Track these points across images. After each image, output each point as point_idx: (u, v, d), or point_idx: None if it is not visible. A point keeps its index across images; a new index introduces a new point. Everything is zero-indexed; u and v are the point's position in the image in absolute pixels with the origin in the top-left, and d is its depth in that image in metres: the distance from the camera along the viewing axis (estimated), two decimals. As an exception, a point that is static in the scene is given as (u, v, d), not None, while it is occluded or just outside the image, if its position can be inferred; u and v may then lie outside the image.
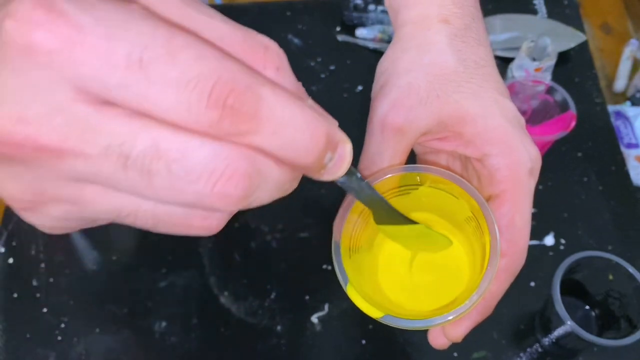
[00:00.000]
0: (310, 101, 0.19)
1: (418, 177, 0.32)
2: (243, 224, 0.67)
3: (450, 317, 0.28)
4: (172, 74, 0.15)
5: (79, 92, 0.15)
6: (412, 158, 0.34)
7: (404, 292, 0.34)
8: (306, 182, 0.22)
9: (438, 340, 0.33)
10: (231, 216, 0.19)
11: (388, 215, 0.30)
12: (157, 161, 0.16)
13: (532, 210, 0.32)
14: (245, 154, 0.16)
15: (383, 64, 0.35)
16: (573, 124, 0.61)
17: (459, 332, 0.32)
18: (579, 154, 0.73)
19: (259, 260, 0.65)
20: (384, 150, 0.32)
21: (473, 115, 0.31)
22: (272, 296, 0.62)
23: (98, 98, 0.15)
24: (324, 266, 0.64)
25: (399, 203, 0.31)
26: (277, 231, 0.67)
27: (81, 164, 0.16)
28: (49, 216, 0.18)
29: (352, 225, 0.31)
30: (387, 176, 0.32)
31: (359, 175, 0.24)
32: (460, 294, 0.32)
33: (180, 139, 0.16)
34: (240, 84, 0.16)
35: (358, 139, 0.28)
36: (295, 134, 0.17)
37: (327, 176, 0.19)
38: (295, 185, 0.19)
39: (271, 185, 0.18)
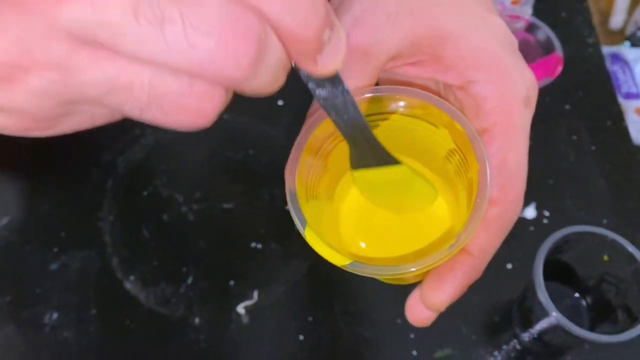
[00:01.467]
0: None
1: (389, 102, 0.31)
2: (153, 193, 0.63)
3: (428, 264, 0.27)
4: None
5: None
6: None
7: (372, 248, 0.33)
8: (231, 140, 0.21)
9: (418, 313, 0.32)
10: (224, 106, 0.19)
11: (369, 151, 0.29)
12: (170, 7, 0.16)
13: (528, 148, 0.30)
14: (256, 14, 0.17)
15: None
16: (559, 69, 0.60)
17: (441, 297, 0.30)
18: (567, 107, 0.70)
19: (172, 237, 0.61)
20: (345, 78, 0.29)
21: (455, 34, 0.30)
22: (189, 281, 0.58)
23: None
24: (253, 244, 0.60)
25: None
26: (195, 201, 0.63)
27: (82, 10, 0.16)
28: (27, 89, 0.18)
29: (307, 168, 0.30)
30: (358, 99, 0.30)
31: (345, 86, 0.24)
32: (439, 242, 0.31)
33: None
34: None
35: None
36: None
37: (322, 65, 0.20)
38: (284, 77, 0.20)
39: (272, 62, 0.18)
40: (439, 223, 0.33)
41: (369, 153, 0.30)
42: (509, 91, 0.30)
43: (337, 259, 0.28)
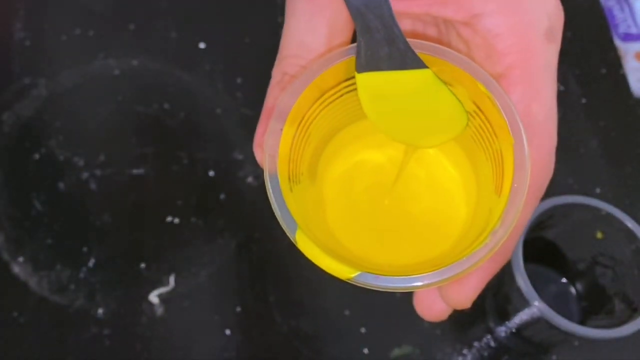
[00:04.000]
0: None
1: None
2: (46, 155, 0.59)
3: (464, 268, 0.25)
4: None
5: None
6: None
7: (368, 239, 0.31)
8: (142, 91, 0.23)
9: (431, 305, 0.31)
10: None
11: (385, 44, 0.27)
12: None
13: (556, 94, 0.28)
14: None
15: None
16: None
17: (467, 293, 0.29)
18: None
19: (70, 210, 0.58)
20: (317, 26, 0.29)
21: None
22: (91, 264, 0.55)
23: None
24: (169, 218, 0.57)
25: (350, 106, 0.29)
26: (98, 166, 0.59)
27: None
28: None
29: (289, 141, 0.28)
30: (330, 66, 0.28)
31: None
32: (462, 234, 0.30)
33: None
34: None
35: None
36: None
37: None
38: None
39: None
40: (452, 204, 0.32)
41: (384, 47, 0.27)
42: (526, 23, 0.28)
43: (342, 271, 0.26)
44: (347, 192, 0.33)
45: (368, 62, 0.28)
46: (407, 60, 0.28)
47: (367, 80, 0.29)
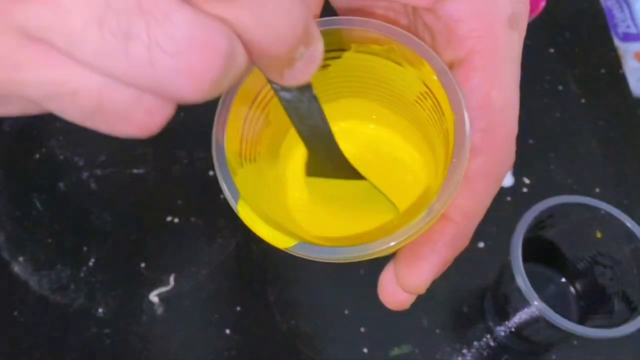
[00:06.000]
0: None
1: (339, 37, 0.30)
2: (47, 155, 0.60)
3: (394, 243, 0.25)
4: None
5: None
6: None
7: (331, 222, 0.32)
8: None
9: (393, 294, 0.30)
10: (170, 118, 0.19)
11: (329, 161, 0.29)
12: (138, 21, 0.16)
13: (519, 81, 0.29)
14: (225, 30, 0.18)
15: None
16: (542, 4, 0.59)
17: (419, 278, 0.28)
18: (551, 50, 0.68)
19: (70, 210, 0.59)
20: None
21: None
22: (91, 263, 0.56)
23: None
24: (169, 218, 0.57)
25: (315, 81, 0.27)
26: (98, 165, 0.60)
27: (42, 11, 0.16)
28: None
29: (241, 120, 0.29)
30: None
31: (314, 92, 0.24)
32: (413, 211, 0.30)
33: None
34: None
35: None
36: (274, 13, 0.18)
37: (290, 78, 0.21)
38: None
39: (233, 76, 0.19)
40: (414, 183, 0.32)
41: (328, 163, 0.29)
42: (488, 9, 0.28)
43: (280, 240, 0.26)
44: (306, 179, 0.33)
45: (313, 170, 0.31)
46: (348, 173, 0.30)
47: (314, 181, 0.31)
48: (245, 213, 0.26)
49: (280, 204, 0.32)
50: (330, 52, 0.31)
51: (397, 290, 0.30)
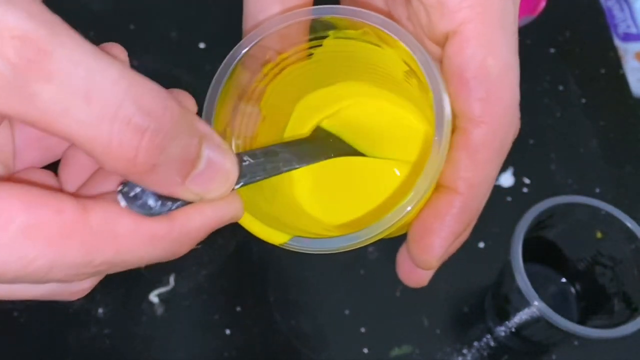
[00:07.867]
0: None
1: (316, 27, 0.30)
2: None
3: (384, 227, 0.25)
4: None
5: None
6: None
7: (336, 212, 0.32)
8: None
9: (409, 272, 0.30)
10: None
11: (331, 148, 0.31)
12: None
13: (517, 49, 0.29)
14: None
15: None
16: (542, 4, 0.60)
17: (431, 253, 0.28)
18: (552, 50, 0.68)
19: None
20: (270, 5, 0.29)
21: None
22: None
23: None
24: None
25: (305, 70, 0.30)
26: None
27: None
28: None
29: (229, 110, 0.29)
30: (270, 31, 0.29)
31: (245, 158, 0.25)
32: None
33: None
34: None
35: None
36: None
37: (189, 192, 0.20)
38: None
39: None
40: (419, 152, 0.32)
41: (309, 157, 0.30)
42: None
43: (274, 237, 0.26)
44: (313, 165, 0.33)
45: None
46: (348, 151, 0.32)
47: (320, 169, 0.32)
48: None
49: (287, 198, 0.32)
50: (314, 41, 0.31)
51: (413, 267, 0.30)
